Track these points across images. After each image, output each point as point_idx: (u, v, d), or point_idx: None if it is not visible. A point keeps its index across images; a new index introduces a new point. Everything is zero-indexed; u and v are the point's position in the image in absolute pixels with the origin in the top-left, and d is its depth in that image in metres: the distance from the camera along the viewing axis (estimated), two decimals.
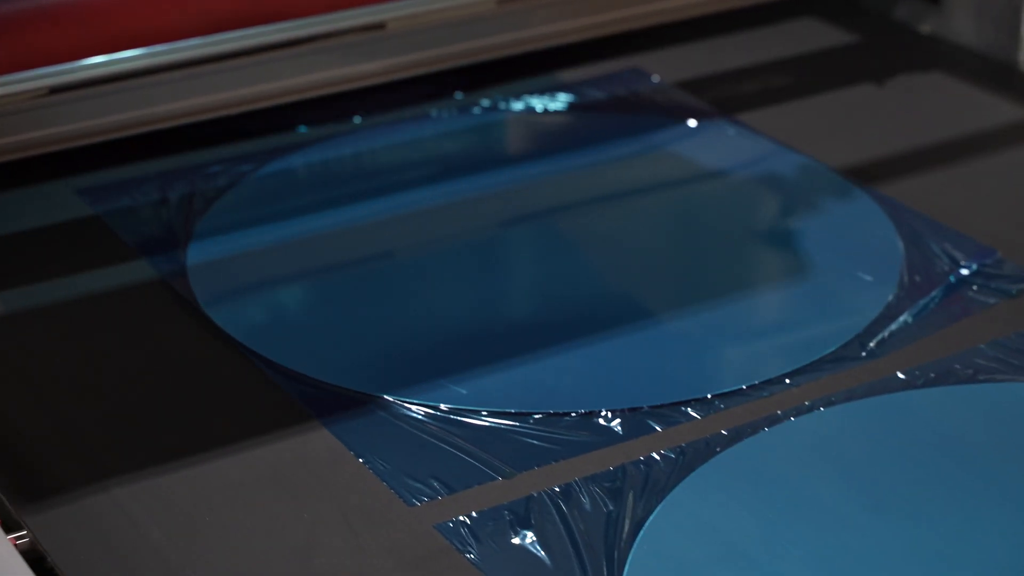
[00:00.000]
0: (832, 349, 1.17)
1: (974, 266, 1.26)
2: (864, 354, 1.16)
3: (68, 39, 1.34)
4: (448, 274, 1.30)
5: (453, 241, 1.34)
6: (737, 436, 1.07)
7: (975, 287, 1.23)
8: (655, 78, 1.57)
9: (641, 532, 0.99)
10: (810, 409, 1.10)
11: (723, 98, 1.54)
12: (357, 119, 1.50)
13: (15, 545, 0.95)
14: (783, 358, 1.16)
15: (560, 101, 1.54)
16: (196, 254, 1.30)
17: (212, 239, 1.32)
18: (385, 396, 1.12)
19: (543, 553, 0.97)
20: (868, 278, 1.26)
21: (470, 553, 0.98)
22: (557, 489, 1.02)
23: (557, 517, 1.00)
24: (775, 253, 1.34)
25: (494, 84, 1.56)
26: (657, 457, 1.05)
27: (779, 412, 1.10)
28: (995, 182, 1.40)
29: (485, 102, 1.52)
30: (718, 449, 1.06)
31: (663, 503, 1.01)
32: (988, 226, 1.32)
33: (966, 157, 1.44)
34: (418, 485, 1.03)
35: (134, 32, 1.36)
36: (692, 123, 1.50)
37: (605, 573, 0.96)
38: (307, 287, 1.30)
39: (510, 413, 1.10)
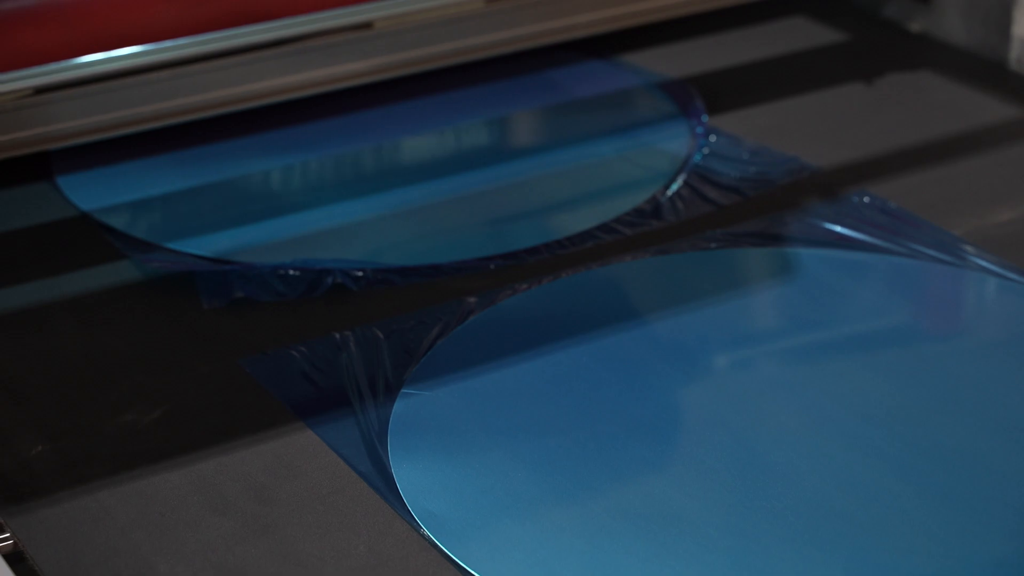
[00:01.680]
0: None
1: None
2: None
3: (53, 39, 1.34)
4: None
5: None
6: None
7: None
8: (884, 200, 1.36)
9: None
10: None
11: (712, 95, 1.53)
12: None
13: None
14: None
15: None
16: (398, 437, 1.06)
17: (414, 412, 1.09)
18: None
19: None
20: None
21: None
22: None
23: None
24: None
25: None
26: None
27: None
28: (985, 180, 1.40)
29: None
30: None
31: None
32: (978, 224, 1.31)
33: (956, 155, 1.44)
34: None
35: (119, 32, 1.36)
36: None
37: None
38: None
39: None
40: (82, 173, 1.40)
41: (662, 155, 1.43)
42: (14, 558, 0.97)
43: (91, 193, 1.38)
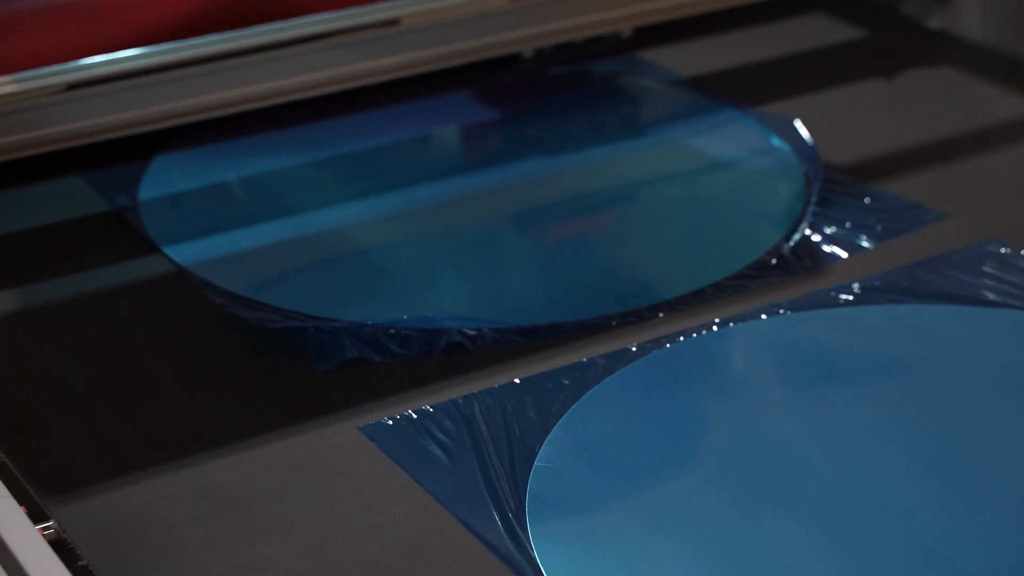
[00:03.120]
0: None
1: None
2: None
3: (85, 35, 1.35)
4: None
5: None
6: None
7: None
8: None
9: None
10: None
11: (732, 93, 1.54)
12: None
13: (43, 535, 0.95)
14: None
15: None
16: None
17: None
18: None
19: None
20: None
21: None
22: None
23: None
24: None
25: None
26: None
27: None
28: (1004, 176, 1.41)
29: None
30: None
31: None
32: (998, 220, 1.32)
33: (975, 152, 1.44)
34: None
35: (150, 29, 1.37)
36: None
37: None
38: None
39: None
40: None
41: (776, 198, 1.37)
42: (59, 546, 0.98)
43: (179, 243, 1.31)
